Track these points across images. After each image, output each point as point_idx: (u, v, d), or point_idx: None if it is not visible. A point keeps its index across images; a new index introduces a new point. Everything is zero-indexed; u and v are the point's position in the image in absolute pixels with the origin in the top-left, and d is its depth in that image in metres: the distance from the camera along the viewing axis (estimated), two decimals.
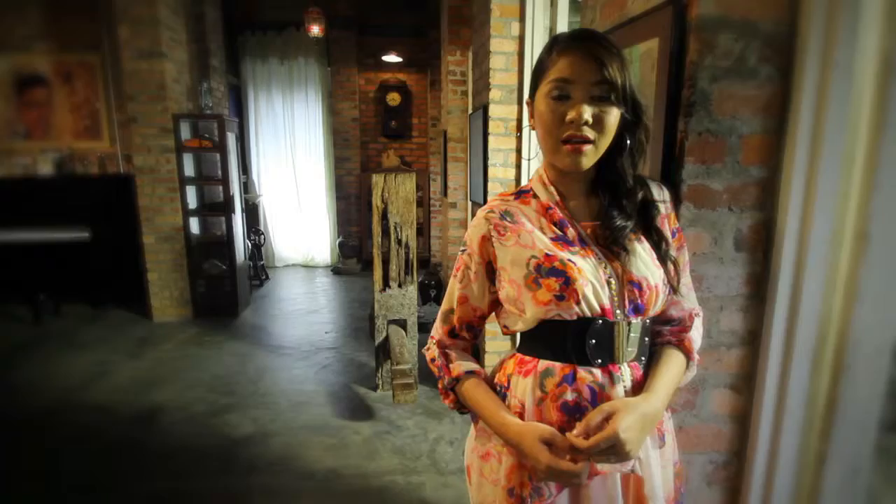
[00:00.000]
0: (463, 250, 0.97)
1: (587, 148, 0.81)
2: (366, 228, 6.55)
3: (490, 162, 2.74)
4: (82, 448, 2.51)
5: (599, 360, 0.84)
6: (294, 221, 6.63)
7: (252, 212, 6.08)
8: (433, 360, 1.01)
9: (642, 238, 0.86)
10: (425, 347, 1.05)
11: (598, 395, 0.84)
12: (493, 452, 0.93)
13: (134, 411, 2.85)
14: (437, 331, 1.02)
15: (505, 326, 0.96)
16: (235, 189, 4.51)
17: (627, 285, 0.84)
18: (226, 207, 4.44)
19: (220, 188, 4.49)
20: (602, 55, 0.78)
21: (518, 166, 2.74)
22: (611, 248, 0.85)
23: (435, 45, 5.95)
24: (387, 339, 3.02)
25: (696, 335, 0.92)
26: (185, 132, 4.30)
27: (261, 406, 2.92)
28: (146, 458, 2.42)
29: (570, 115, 0.80)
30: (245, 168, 6.18)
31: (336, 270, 6.37)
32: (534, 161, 2.69)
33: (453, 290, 0.99)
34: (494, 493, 0.92)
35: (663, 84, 1.01)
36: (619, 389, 0.84)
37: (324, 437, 2.59)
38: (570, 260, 0.83)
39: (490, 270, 0.94)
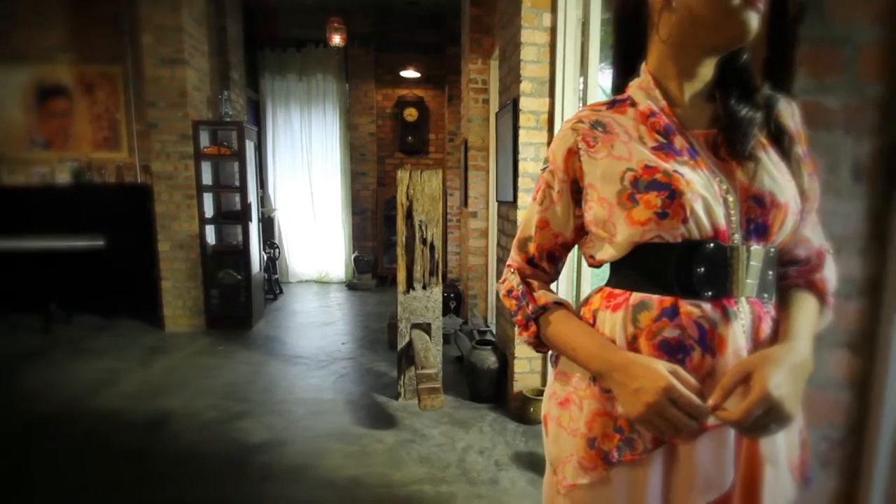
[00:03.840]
0: (544, 168, 0.84)
1: (760, 4, 0.67)
2: (381, 244, 6.44)
3: (521, 156, 2.62)
4: (90, 454, 2.35)
5: (709, 292, 0.69)
6: (309, 236, 6.55)
7: (268, 225, 6.01)
8: (510, 291, 0.86)
9: (768, 148, 0.72)
10: (500, 280, 0.90)
11: (709, 334, 0.69)
12: (573, 398, 0.78)
13: (143, 418, 2.69)
14: (515, 260, 0.89)
15: (591, 257, 0.81)
16: (253, 197, 4.43)
17: (748, 202, 0.70)
18: (243, 216, 4.35)
19: (237, 197, 4.42)
20: None
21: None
22: (730, 156, 0.71)
23: (452, 60, 5.96)
24: (410, 343, 2.86)
25: (829, 274, 0.77)
26: (204, 140, 4.26)
27: (276, 413, 2.75)
28: (155, 465, 2.26)
29: None
30: (262, 181, 6.14)
31: (351, 286, 6.24)
32: None
33: (531, 214, 0.86)
34: (573, 445, 0.76)
35: None
36: (737, 328, 0.69)
37: (344, 445, 2.42)
38: (675, 171, 0.70)
39: (576, 190, 0.80)
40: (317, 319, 4.79)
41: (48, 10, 4.83)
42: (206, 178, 4.31)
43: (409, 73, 6.28)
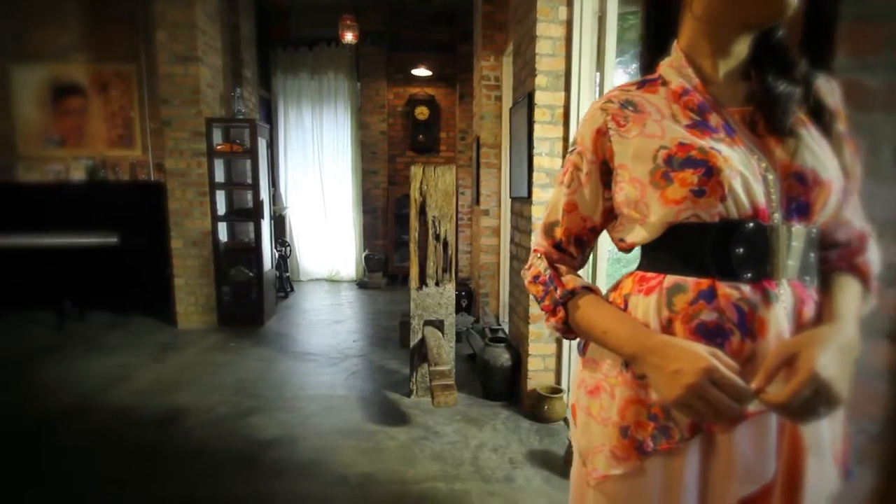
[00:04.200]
0: (571, 150, 0.81)
1: None
2: (392, 242, 6.43)
3: (536, 151, 2.59)
4: (101, 450, 2.35)
5: (749, 274, 0.66)
6: (320, 235, 6.55)
7: (279, 223, 6.02)
8: (537, 276, 0.83)
9: (809, 125, 0.69)
10: (526, 266, 0.88)
11: (749, 317, 0.65)
12: (603, 386, 0.75)
13: (155, 413, 2.69)
14: (541, 245, 0.86)
15: (621, 240, 0.79)
16: (265, 195, 4.44)
17: (789, 179, 0.67)
18: (255, 213, 4.36)
19: (250, 194, 4.43)
20: None
21: (565, 156, 2.59)
22: (769, 132, 0.68)
23: (464, 58, 5.94)
24: (422, 340, 2.84)
25: (872, 257, 0.74)
26: (217, 137, 4.27)
27: (287, 410, 2.74)
28: (167, 461, 2.25)
29: None
30: (273, 180, 6.16)
31: (361, 284, 6.23)
32: None
33: (558, 197, 0.83)
34: (604, 435, 0.73)
35: None
36: (778, 312, 0.66)
37: (356, 442, 2.40)
38: (712, 148, 0.67)
39: (605, 172, 0.78)
40: (328, 317, 4.78)
41: (64, 9, 4.88)
42: (219, 176, 4.32)
43: (421, 72, 6.26)
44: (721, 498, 0.66)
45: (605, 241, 2.62)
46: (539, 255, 0.85)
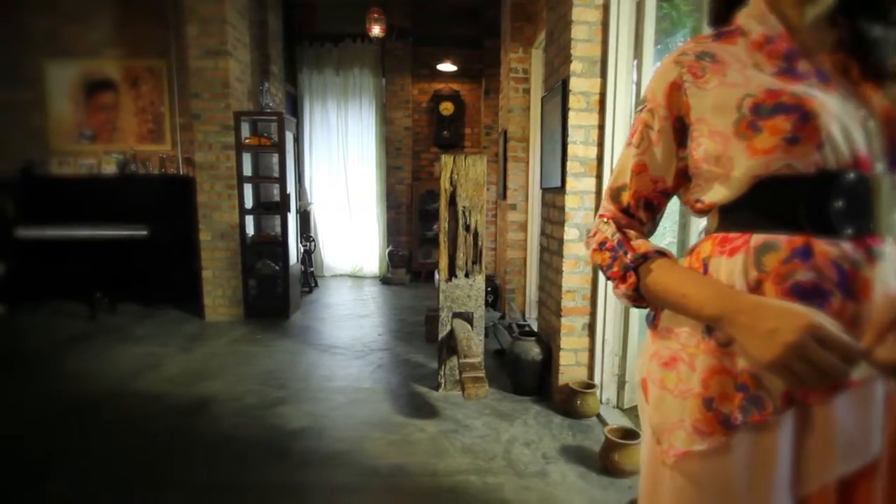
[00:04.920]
0: (640, 109, 0.76)
1: None
2: (416, 238, 6.41)
3: (570, 139, 2.53)
4: (132, 434, 2.36)
5: (850, 230, 0.60)
6: (343, 231, 6.56)
7: (304, 218, 6.04)
8: (603, 242, 0.78)
9: None
10: (590, 233, 0.82)
11: (850, 277, 0.59)
12: (681, 356, 0.69)
13: (184, 401, 2.70)
14: (608, 210, 0.80)
15: (697, 201, 0.72)
16: (292, 188, 4.44)
17: (891, 126, 0.61)
18: (282, 206, 4.37)
19: (277, 188, 4.45)
20: None
21: (600, 143, 2.52)
22: (865, 79, 0.62)
23: (489, 54, 5.88)
24: (451, 333, 2.79)
25: None
26: (245, 131, 4.30)
27: (315, 400, 2.72)
28: (196, 446, 2.24)
29: None
30: (299, 175, 6.19)
31: (385, 280, 6.22)
32: (620, 134, 2.47)
33: (626, 160, 0.78)
34: (682, 409, 0.67)
35: None
36: (884, 270, 0.60)
37: (385, 433, 2.36)
38: (805, 93, 0.61)
39: (678, 129, 0.72)
40: (352, 312, 4.77)
41: (96, 6, 4.96)
42: (247, 169, 4.34)
43: (446, 67, 6.23)
44: (818, 476, 0.60)
45: None
46: (606, 219, 0.79)
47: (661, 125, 0.73)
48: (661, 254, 0.73)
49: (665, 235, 3.80)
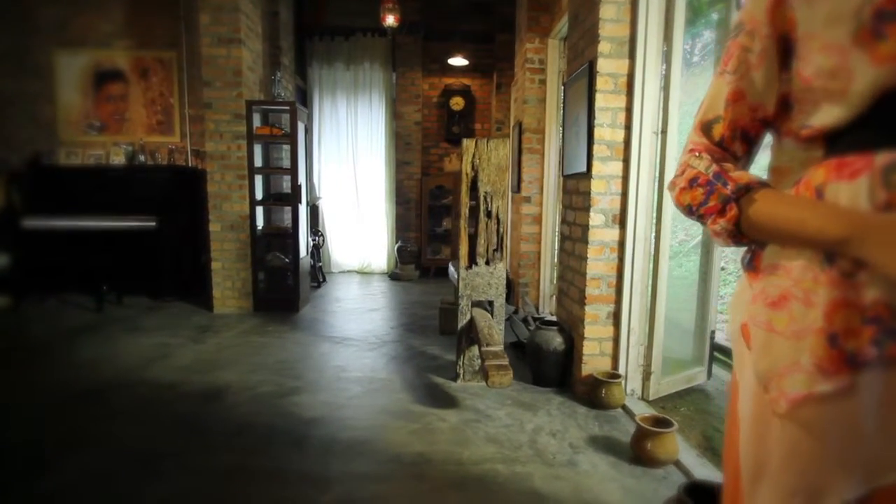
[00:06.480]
0: (736, 34, 0.69)
1: None
2: (425, 234, 6.34)
3: (596, 122, 2.46)
4: (146, 420, 2.30)
5: None
6: (352, 226, 6.50)
7: (312, 213, 5.98)
8: (695, 178, 0.71)
9: None
10: (677, 173, 0.75)
11: None
12: (794, 293, 0.61)
13: (197, 389, 2.63)
14: (699, 143, 0.74)
15: (803, 127, 0.65)
16: (302, 179, 4.39)
17: None
18: (293, 197, 4.30)
19: (286, 181, 4.38)
20: None
21: (627, 126, 2.45)
22: None
23: (501, 48, 5.83)
24: (471, 322, 2.72)
25: None
26: (256, 121, 4.24)
27: (330, 390, 2.65)
28: (211, 433, 2.17)
29: None
30: (308, 169, 6.14)
31: (393, 276, 6.15)
32: (647, 122, 2.41)
33: (719, 89, 0.71)
34: (797, 350, 0.60)
35: None
36: None
37: (405, 423, 2.29)
38: None
39: (781, 50, 0.65)
40: (362, 306, 4.70)
41: None
42: (258, 160, 4.28)
43: (457, 61, 6.18)
44: None
45: (665, 233, 2.47)
46: (697, 153, 0.73)
47: (763, 45, 0.66)
48: (765, 184, 0.66)
49: (677, 234, 3.72)
